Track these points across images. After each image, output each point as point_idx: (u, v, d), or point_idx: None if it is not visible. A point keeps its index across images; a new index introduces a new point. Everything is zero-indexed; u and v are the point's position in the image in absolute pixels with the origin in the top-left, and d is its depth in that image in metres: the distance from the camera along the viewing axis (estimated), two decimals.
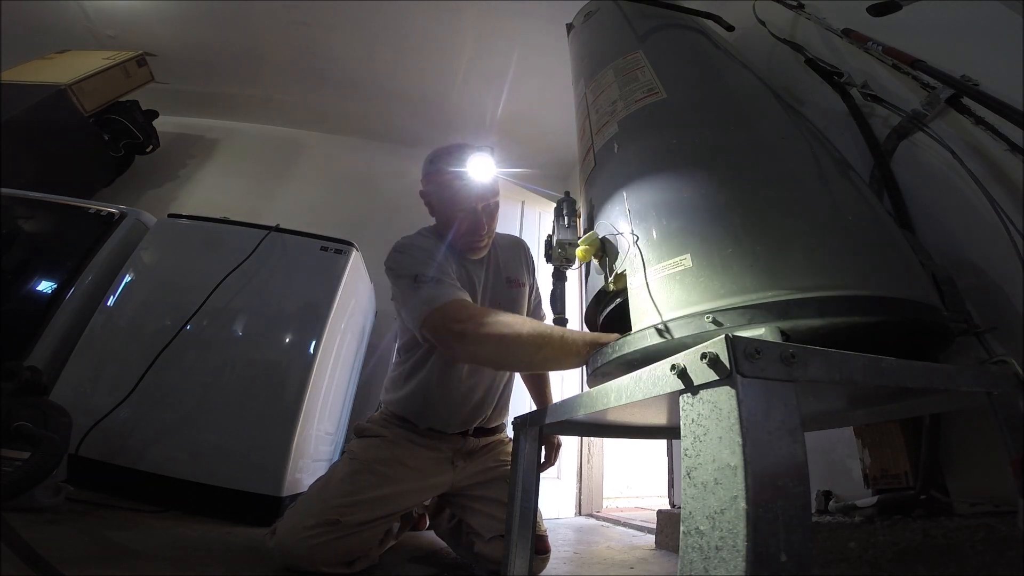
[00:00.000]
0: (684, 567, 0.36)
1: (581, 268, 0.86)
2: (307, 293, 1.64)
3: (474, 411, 1.16)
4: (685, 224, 0.64)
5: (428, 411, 1.13)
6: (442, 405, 1.12)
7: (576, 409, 0.65)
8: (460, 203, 1.11)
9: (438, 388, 1.12)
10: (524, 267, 1.31)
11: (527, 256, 1.34)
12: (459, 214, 1.11)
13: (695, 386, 0.40)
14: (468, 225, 1.11)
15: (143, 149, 2.77)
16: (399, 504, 1.05)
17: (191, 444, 1.37)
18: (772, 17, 1.36)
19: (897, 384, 0.45)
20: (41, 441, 0.89)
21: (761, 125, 0.77)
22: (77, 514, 1.08)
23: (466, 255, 1.16)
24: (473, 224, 1.11)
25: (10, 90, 2.13)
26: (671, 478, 1.76)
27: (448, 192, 1.12)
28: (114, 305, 1.55)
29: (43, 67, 2.35)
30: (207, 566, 0.90)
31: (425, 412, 1.13)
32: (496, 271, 1.23)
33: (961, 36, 0.94)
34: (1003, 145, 0.78)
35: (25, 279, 1.60)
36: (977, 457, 0.80)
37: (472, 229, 1.11)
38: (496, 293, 1.20)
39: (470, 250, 1.15)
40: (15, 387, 1.05)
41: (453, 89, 2.82)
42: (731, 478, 0.34)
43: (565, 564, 1.25)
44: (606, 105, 0.93)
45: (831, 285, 0.54)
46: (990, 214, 0.76)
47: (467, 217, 1.11)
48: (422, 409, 1.13)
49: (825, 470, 1.03)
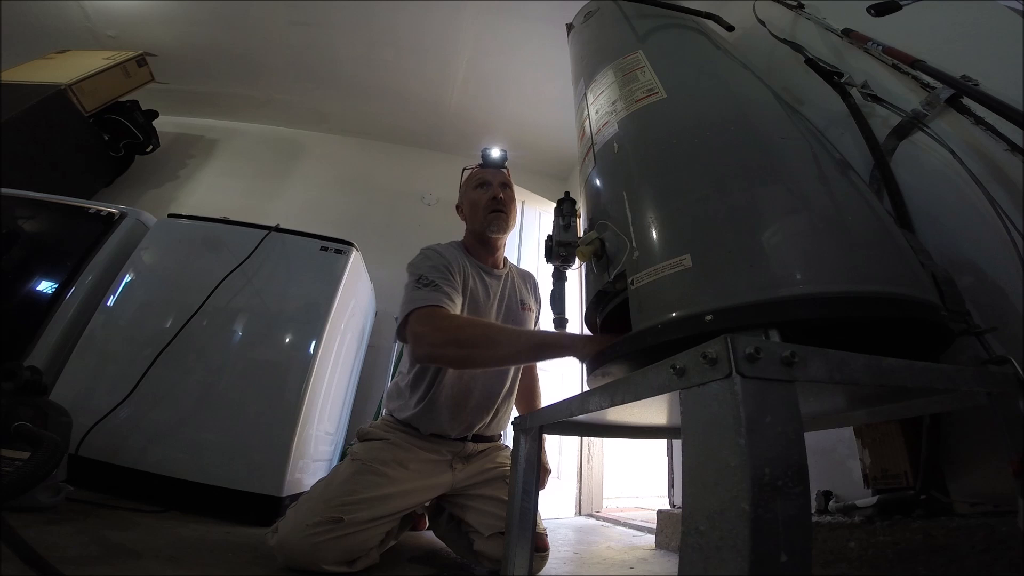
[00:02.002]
0: (684, 567, 0.36)
1: (581, 268, 0.86)
2: (307, 293, 1.64)
3: (475, 416, 1.20)
4: (685, 224, 0.64)
5: (433, 417, 1.16)
6: (447, 411, 1.16)
7: (576, 409, 0.65)
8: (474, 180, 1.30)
9: (444, 396, 1.15)
10: (533, 296, 1.42)
11: (536, 288, 1.46)
12: (478, 193, 1.27)
13: (695, 386, 0.39)
14: (486, 199, 1.25)
15: (143, 149, 2.78)
16: (400, 504, 1.06)
17: (191, 444, 1.37)
18: (772, 17, 1.37)
19: (897, 384, 0.45)
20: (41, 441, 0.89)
21: (761, 125, 0.77)
22: (77, 514, 1.08)
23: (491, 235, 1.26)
24: (490, 197, 1.25)
25: (10, 90, 2.13)
26: (671, 478, 1.76)
27: (470, 183, 1.32)
28: (114, 305, 1.55)
29: (43, 67, 2.35)
30: (207, 566, 0.90)
31: (430, 418, 1.16)
32: (512, 291, 1.33)
33: (961, 36, 0.94)
34: (1003, 145, 0.78)
35: (25, 279, 1.61)
36: (977, 457, 0.80)
37: (489, 202, 1.25)
38: (510, 309, 1.30)
39: (493, 222, 1.25)
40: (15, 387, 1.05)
41: (453, 89, 2.82)
42: (731, 478, 0.34)
43: (565, 564, 1.25)
44: (606, 105, 0.93)
45: (831, 285, 0.54)
46: (990, 214, 0.76)
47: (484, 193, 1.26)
48: (427, 416, 1.16)
49: (825, 470, 1.03)
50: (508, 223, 1.28)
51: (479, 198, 1.26)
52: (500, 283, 1.30)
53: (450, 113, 3.00)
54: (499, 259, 1.33)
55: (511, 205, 1.29)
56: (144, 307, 1.56)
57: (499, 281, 1.30)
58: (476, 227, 1.27)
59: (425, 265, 1.11)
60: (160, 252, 1.68)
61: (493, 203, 1.25)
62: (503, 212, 1.26)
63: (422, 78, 2.76)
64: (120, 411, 1.36)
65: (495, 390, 1.24)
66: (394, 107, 3.01)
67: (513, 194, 1.32)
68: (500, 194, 1.26)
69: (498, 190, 1.27)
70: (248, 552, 1.02)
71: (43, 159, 2.21)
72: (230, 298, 1.57)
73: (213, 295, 1.54)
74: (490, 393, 1.23)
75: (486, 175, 1.30)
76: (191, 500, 1.30)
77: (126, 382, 1.39)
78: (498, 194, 1.26)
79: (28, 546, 0.64)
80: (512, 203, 1.30)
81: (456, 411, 1.17)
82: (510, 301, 1.31)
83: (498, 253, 1.32)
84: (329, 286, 1.66)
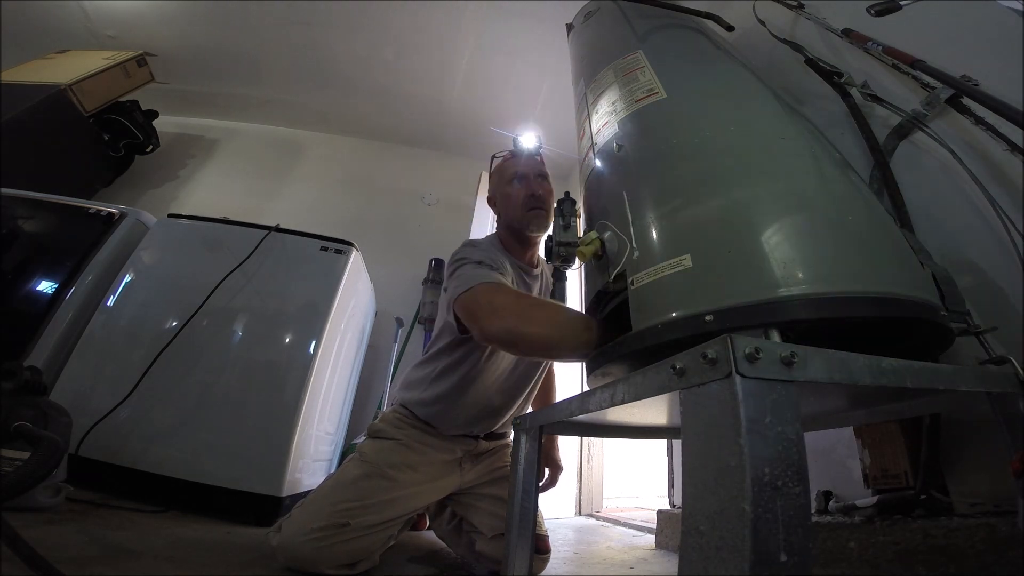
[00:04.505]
0: (684, 567, 0.36)
1: (581, 268, 0.86)
2: (307, 293, 1.64)
3: (496, 415, 1.18)
4: (685, 224, 0.64)
5: (452, 415, 1.13)
6: (469, 409, 1.13)
7: (576, 409, 0.65)
8: (509, 173, 1.19)
9: (470, 393, 1.12)
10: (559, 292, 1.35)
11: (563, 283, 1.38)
12: (511, 186, 1.18)
13: (695, 386, 0.39)
14: (524, 195, 1.15)
15: (143, 149, 2.78)
16: (407, 507, 1.05)
17: (191, 444, 1.37)
18: (772, 17, 1.36)
19: (897, 384, 0.45)
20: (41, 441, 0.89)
21: (761, 125, 0.77)
22: (77, 514, 1.08)
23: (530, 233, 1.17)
24: (528, 193, 1.15)
25: (10, 90, 2.13)
26: (671, 478, 1.76)
27: (503, 175, 1.22)
28: (114, 305, 1.55)
29: (43, 67, 2.35)
30: (207, 566, 0.90)
31: (449, 416, 1.13)
32: (547, 288, 1.26)
33: (961, 36, 0.94)
34: (1003, 145, 0.78)
35: (25, 279, 1.60)
36: (977, 457, 0.80)
37: (528, 199, 1.15)
38: None
39: (532, 221, 1.15)
40: (15, 387, 1.04)
41: (453, 89, 2.82)
42: (731, 478, 0.34)
43: (565, 564, 1.25)
44: (606, 105, 0.93)
45: (831, 285, 0.54)
46: (990, 214, 0.76)
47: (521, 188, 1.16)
48: (447, 413, 1.13)
49: (825, 470, 1.03)
50: (549, 219, 1.17)
51: (515, 192, 1.16)
52: (538, 282, 1.23)
53: (450, 113, 3.00)
54: (535, 256, 1.24)
55: (550, 200, 1.18)
56: (144, 307, 1.56)
57: (538, 280, 1.23)
58: (514, 224, 1.18)
59: (477, 253, 1.02)
60: (160, 252, 1.68)
61: (532, 200, 1.15)
62: (543, 209, 1.16)
63: (422, 78, 2.76)
64: (120, 411, 1.36)
65: (522, 388, 1.20)
66: (394, 107, 3.01)
67: (551, 186, 1.20)
68: (538, 189, 1.16)
69: (535, 185, 1.16)
70: (248, 552, 1.02)
71: (43, 159, 2.21)
72: (230, 298, 1.57)
73: (213, 295, 1.54)
74: (519, 391, 1.19)
75: (521, 166, 1.19)
76: (191, 500, 1.30)
77: (126, 382, 1.39)
78: (536, 190, 1.15)
79: (28, 546, 0.64)
80: (551, 196, 1.18)
81: (482, 411, 1.14)
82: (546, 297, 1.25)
83: (534, 249, 1.23)
84: (329, 286, 1.66)
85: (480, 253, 1.01)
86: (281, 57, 2.71)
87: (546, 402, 1.40)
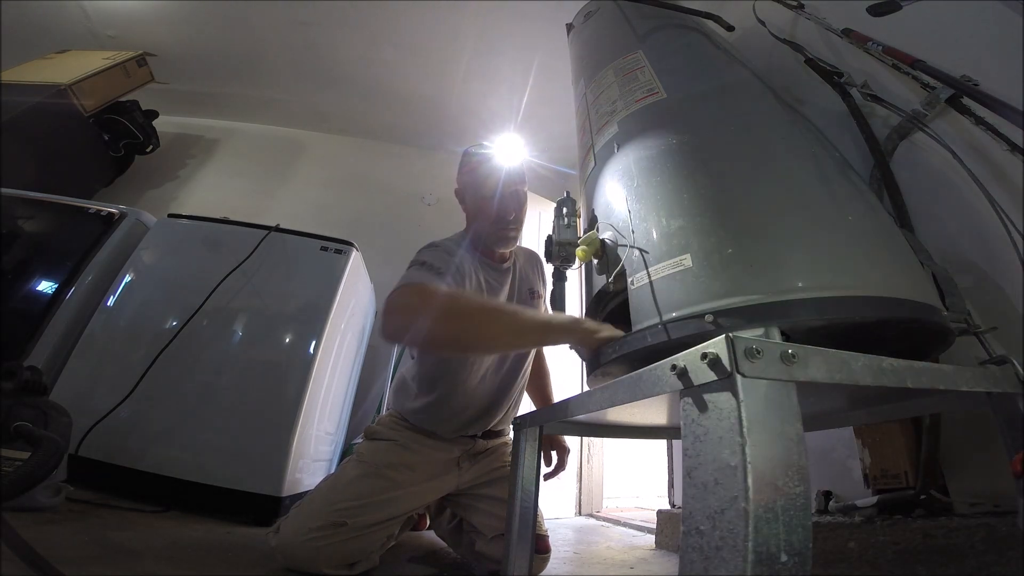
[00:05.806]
0: (684, 567, 0.36)
1: (581, 268, 0.86)
2: (307, 293, 1.63)
3: (489, 415, 1.17)
4: (685, 224, 0.64)
5: (445, 420, 1.13)
6: (461, 413, 1.13)
7: (576, 409, 0.65)
8: (487, 188, 1.12)
9: (457, 397, 1.12)
10: (540, 279, 1.33)
11: (542, 270, 1.34)
12: (487, 201, 1.12)
13: (695, 386, 0.40)
14: (497, 212, 1.11)
15: (143, 149, 2.77)
16: (405, 507, 1.05)
17: (191, 444, 1.37)
18: (772, 17, 1.36)
19: (897, 384, 0.45)
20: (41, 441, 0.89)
21: (761, 125, 0.77)
22: (77, 514, 1.08)
23: (496, 249, 1.15)
24: (501, 210, 1.11)
25: (10, 90, 2.13)
26: (671, 478, 1.76)
27: (476, 178, 1.14)
28: (114, 305, 1.55)
29: (43, 67, 2.35)
30: (207, 566, 0.90)
31: (442, 421, 1.13)
32: (520, 282, 1.24)
33: (961, 36, 0.94)
34: (1003, 145, 0.78)
35: (25, 279, 1.60)
36: (977, 457, 0.80)
37: (500, 216, 1.11)
38: (521, 302, 1.23)
39: (501, 240, 1.13)
40: (15, 387, 1.04)
41: (453, 89, 2.81)
42: (731, 478, 0.34)
43: (565, 564, 1.25)
44: (606, 105, 0.93)
45: (831, 285, 0.54)
46: (990, 214, 0.76)
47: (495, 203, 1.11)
48: (439, 419, 1.13)
49: (825, 470, 1.03)
50: (518, 238, 1.15)
51: (486, 207, 1.12)
52: (508, 276, 1.21)
53: (450, 113, 2.99)
54: (507, 253, 1.21)
55: (523, 213, 1.15)
56: (144, 307, 1.56)
57: (507, 275, 1.21)
58: (482, 234, 1.15)
59: (427, 254, 1.00)
60: (160, 252, 1.68)
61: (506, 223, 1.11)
62: (516, 233, 1.13)
63: (422, 78, 2.76)
64: (120, 411, 1.36)
65: (511, 384, 1.20)
66: (394, 107, 3.01)
67: (526, 193, 1.16)
68: (515, 211, 1.12)
69: (512, 205, 1.12)
70: (248, 552, 1.02)
71: (43, 159, 2.21)
72: (230, 298, 1.57)
73: (213, 295, 1.54)
74: (509, 387, 1.19)
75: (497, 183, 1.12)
76: (191, 500, 1.30)
77: (126, 382, 1.39)
78: (511, 213, 1.11)
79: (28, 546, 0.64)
80: (524, 209, 1.15)
81: (474, 412, 1.14)
82: (520, 296, 1.23)
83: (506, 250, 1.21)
84: (329, 286, 1.66)
85: (430, 254, 1.00)
86: (281, 57, 2.71)
87: (540, 386, 1.40)
